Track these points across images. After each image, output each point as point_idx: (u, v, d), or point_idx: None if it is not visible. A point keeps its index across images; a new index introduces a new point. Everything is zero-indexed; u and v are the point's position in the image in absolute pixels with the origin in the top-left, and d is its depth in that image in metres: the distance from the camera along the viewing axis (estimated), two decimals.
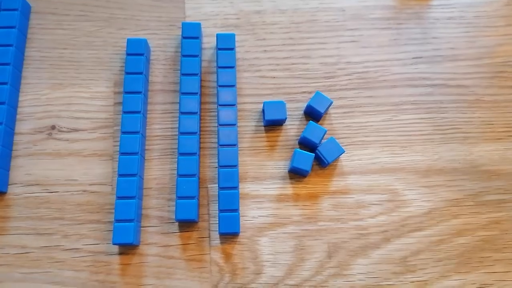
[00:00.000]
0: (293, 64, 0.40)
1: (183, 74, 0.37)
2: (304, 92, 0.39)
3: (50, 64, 0.39)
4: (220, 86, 0.37)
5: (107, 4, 0.41)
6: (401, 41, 0.41)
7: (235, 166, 0.35)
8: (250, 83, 0.40)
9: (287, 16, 0.42)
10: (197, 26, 0.39)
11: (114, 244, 0.33)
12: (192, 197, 0.34)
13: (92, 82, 0.39)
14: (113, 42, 0.40)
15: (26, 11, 0.40)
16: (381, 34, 0.41)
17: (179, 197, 0.34)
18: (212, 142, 0.38)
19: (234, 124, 0.36)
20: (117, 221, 0.33)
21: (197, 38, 0.38)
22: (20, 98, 0.38)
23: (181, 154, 0.35)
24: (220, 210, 0.34)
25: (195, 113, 0.36)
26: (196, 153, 0.35)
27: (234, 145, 0.36)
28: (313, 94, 0.38)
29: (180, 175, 0.35)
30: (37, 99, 0.38)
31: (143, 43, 0.38)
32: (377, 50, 0.41)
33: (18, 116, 0.38)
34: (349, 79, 0.40)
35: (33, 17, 0.41)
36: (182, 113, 0.36)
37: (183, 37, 0.38)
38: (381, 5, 0.42)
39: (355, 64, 0.40)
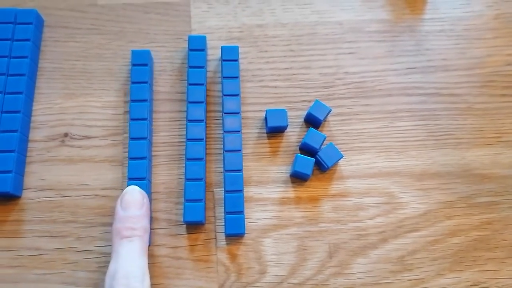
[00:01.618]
0: (294, 74, 0.42)
1: (190, 84, 0.39)
2: (304, 101, 0.42)
3: (62, 75, 0.41)
4: (225, 95, 0.39)
5: (117, 19, 0.43)
6: (396, 53, 0.44)
7: (240, 170, 0.37)
8: (253, 93, 0.42)
9: (288, 29, 0.44)
10: (202, 39, 0.41)
11: None
12: (199, 200, 0.36)
13: (103, 92, 0.41)
14: (122, 54, 0.42)
15: (39, 25, 0.42)
16: (377, 46, 0.44)
17: (187, 200, 0.36)
18: (217, 148, 0.40)
19: (238, 131, 0.38)
20: None
21: (202, 50, 0.41)
22: (34, 107, 0.40)
23: (188, 159, 0.37)
24: (226, 212, 0.36)
25: (201, 120, 0.38)
26: (203, 159, 0.37)
27: (239, 150, 0.38)
28: (312, 103, 0.40)
29: (188, 179, 0.36)
30: (50, 108, 0.40)
31: (147, 54, 0.40)
32: (373, 61, 0.43)
33: (32, 124, 0.40)
34: (347, 89, 0.42)
35: (46, 31, 0.43)
36: (189, 120, 0.38)
37: (190, 50, 0.40)
38: (376, 19, 0.45)
39: (352, 74, 0.43)
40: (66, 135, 0.39)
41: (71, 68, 0.42)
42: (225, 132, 0.38)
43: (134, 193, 0.34)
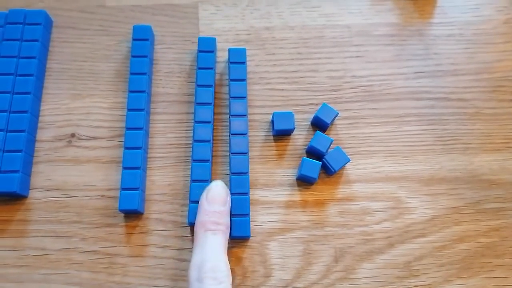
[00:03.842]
0: (301, 77, 0.42)
1: (198, 86, 0.39)
2: (312, 104, 0.41)
3: (70, 75, 0.41)
4: (232, 97, 0.39)
5: (125, 20, 0.43)
6: (404, 57, 0.43)
7: (246, 173, 0.37)
8: (260, 95, 0.42)
9: (295, 32, 0.44)
10: (212, 41, 0.41)
11: (120, 210, 0.35)
12: None
13: (110, 93, 0.41)
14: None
15: (48, 26, 0.42)
16: (385, 49, 0.43)
17: (192, 202, 0.36)
18: (223, 150, 0.39)
19: (245, 134, 0.38)
20: (123, 189, 0.36)
21: (212, 52, 0.41)
22: (42, 108, 0.40)
23: (195, 160, 0.37)
24: (232, 215, 0.36)
25: (209, 122, 0.38)
26: (209, 160, 0.37)
27: (245, 153, 0.38)
28: (320, 106, 0.40)
29: (193, 181, 0.36)
30: (57, 108, 0.40)
31: (148, 29, 0.41)
32: (381, 65, 0.43)
33: (39, 125, 0.40)
34: (355, 92, 0.42)
35: (55, 31, 0.43)
36: (197, 122, 0.38)
37: (199, 51, 0.40)
38: (385, 23, 0.44)
39: (360, 78, 0.42)
40: (73, 135, 0.39)
41: (78, 69, 0.42)
42: (231, 134, 0.38)
43: (219, 188, 0.34)
